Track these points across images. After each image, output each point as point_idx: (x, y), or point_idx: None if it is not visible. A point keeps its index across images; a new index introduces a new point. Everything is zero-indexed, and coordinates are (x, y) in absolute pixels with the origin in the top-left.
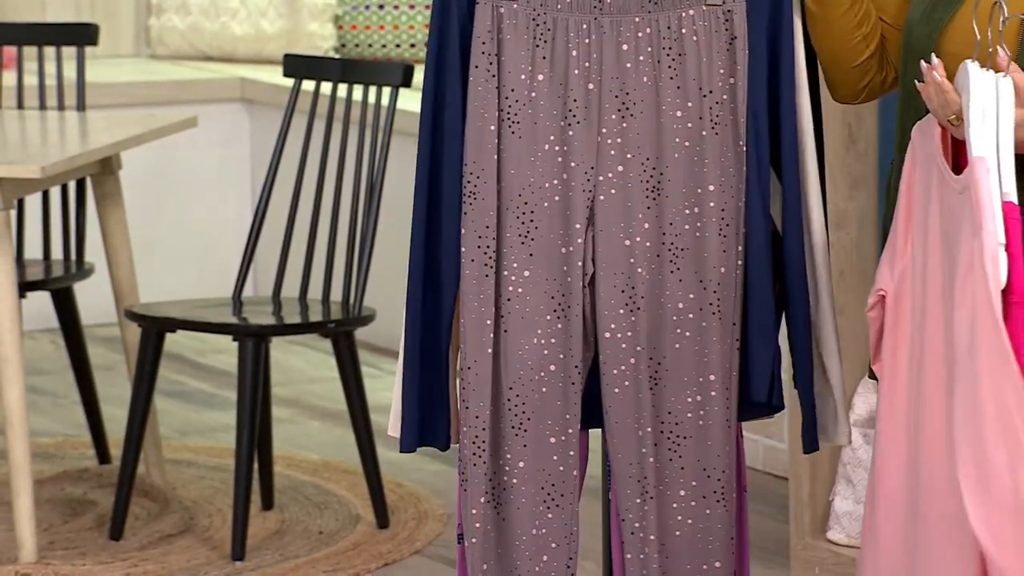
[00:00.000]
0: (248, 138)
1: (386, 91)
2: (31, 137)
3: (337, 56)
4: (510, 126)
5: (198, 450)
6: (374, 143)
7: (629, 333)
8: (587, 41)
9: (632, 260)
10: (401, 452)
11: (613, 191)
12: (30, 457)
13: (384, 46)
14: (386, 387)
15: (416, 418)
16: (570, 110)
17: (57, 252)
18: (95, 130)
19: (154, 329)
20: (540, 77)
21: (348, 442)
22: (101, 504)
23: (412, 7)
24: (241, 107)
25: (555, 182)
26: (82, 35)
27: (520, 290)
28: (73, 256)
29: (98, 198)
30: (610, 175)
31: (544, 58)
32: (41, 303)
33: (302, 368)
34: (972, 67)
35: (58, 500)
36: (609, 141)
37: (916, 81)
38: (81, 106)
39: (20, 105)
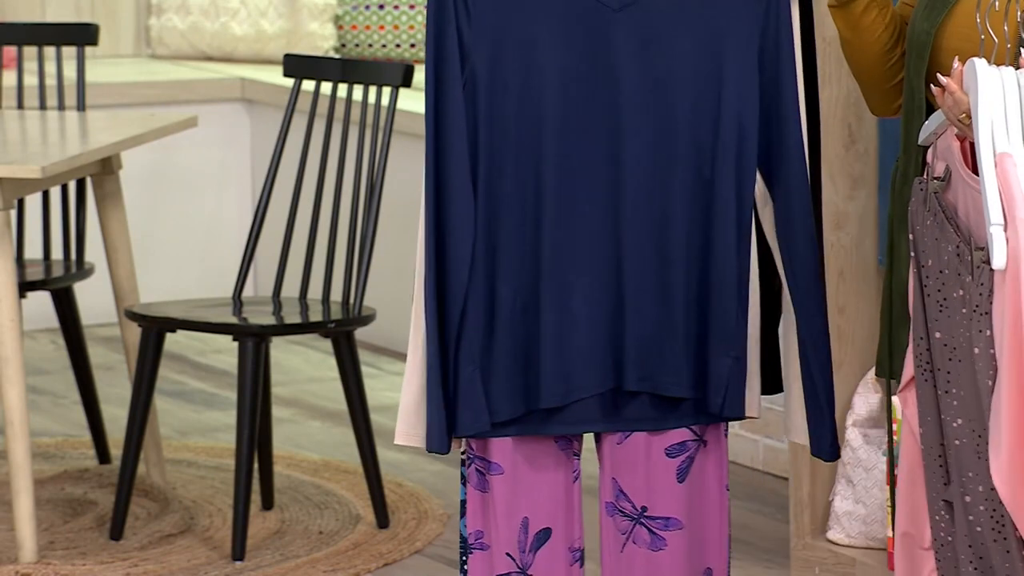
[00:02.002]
0: (248, 138)
1: (386, 91)
2: (31, 137)
3: (337, 56)
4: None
5: (198, 450)
6: (374, 143)
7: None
8: None
9: None
10: (429, 452)
11: None
12: (30, 457)
13: (384, 46)
14: (386, 387)
15: (442, 413)
16: None
17: (57, 252)
18: (95, 130)
19: (154, 329)
20: None
21: (348, 442)
22: (101, 504)
23: (412, 7)
24: (241, 107)
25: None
26: (82, 35)
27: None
28: (73, 256)
29: (98, 198)
30: None
31: None
32: (41, 303)
33: (302, 368)
34: (980, 65)
35: (58, 500)
36: None
37: (932, 85)
38: (81, 106)
39: (20, 105)
